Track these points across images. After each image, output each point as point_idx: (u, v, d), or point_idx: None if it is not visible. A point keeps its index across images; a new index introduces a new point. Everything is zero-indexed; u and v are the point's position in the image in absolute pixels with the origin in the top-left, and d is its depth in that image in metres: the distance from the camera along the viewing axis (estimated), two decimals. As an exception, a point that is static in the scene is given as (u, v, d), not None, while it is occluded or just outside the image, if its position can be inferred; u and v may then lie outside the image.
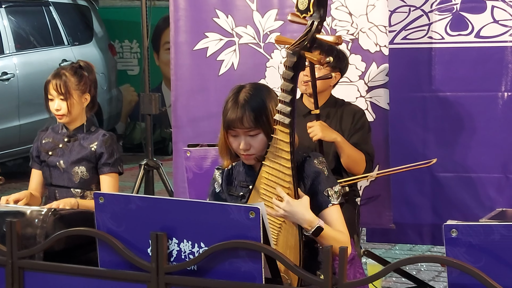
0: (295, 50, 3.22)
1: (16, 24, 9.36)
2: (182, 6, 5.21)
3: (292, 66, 3.21)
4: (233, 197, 3.35)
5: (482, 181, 4.98)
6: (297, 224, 3.15)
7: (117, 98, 10.73)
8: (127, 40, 11.53)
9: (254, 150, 3.23)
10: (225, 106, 3.25)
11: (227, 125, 3.23)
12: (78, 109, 4.25)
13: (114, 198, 2.99)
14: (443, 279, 5.68)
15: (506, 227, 2.54)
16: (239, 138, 3.23)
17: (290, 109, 3.16)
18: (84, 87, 4.25)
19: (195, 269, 2.85)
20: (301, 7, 3.26)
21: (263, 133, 3.21)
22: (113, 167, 4.22)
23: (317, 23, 3.24)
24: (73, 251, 3.42)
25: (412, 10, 5.03)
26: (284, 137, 3.16)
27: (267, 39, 5.09)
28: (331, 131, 4.33)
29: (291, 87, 3.18)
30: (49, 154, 4.27)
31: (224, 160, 3.37)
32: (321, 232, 3.11)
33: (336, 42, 3.33)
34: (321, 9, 3.24)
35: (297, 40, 3.25)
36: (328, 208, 3.21)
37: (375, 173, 4.68)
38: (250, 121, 3.19)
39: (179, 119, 5.26)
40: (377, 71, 4.89)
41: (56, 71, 4.26)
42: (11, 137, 8.84)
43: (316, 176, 3.23)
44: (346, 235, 3.20)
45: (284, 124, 3.17)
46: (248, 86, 3.28)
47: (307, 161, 3.25)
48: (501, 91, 4.90)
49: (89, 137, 4.26)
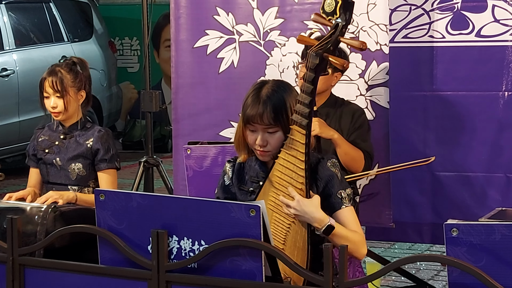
0: (318, 52, 3.20)
1: (16, 21, 9.35)
2: (183, 3, 5.21)
3: (314, 67, 3.19)
4: (243, 192, 3.33)
5: (482, 180, 4.98)
6: (307, 224, 3.14)
7: (117, 96, 10.72)
8: (127, 37, 11.51)
9: (270, 147, 3.22)
10: (246, 101, 3.23)
11: (247, 120, 3.21)
12: (74, 106, 4.25)
13: (115, 195, 2.99)
14: (442, 278, 5.68)
15: (507, 227, 2.54)
16: (257, 133, 3.22)
17: (308, 110, 3.15)
18: (79, 84, 4.25)
19: (196, 267, 2.85)
20: (327, 9, 3.25)
21: (281, 131, 3.20)
22: (110, 163, 4.21)
23: (342, 26, 3.23)
24: (74, 248, 3.42)
25: (413, 9, 5.03)
26: (300, 138, 3.15)
27: (267, 37, 5.08)
28: (328, 128, 4.34)
29: (312, 88, 3.17)
30: (45, 152, 4.26)
31: (241, 155, 3.33)
32: (332, 230, 3.10)
33: (361, 47, 3.31)
34: (347, 12, 3.23)
35: (320, 41, 3.23)
36: (341, 210, 3.20)
37: (375, 171, 4.68)
38: (270, 118, 3.17)
39: (180, 116, 5.26)
40: (378, 70, 4.89)
41: (51, 69, 4.25)
42: (11, 134, 8.84)
43: (330, 179, 3.22)
44: (360, 235, 3.19)
45: (301, 125, 3.15)
46: (271, 82, 3.27)
47: (321, 163, 3.23)
48: (502, 91, 4.90)
49: (85, 134, 4.25)
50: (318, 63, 3.19)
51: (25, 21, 9.53)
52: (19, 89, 8.90)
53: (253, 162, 3.34)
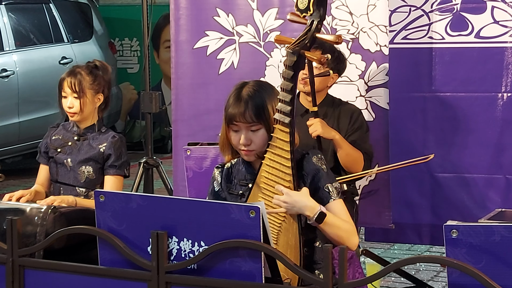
0: (295, 50, 3.23)
1: (16, 21, 9.35)
2: (183, 4, 5.22)
3: (292, 65, 3.21)
4: (233, 196, 3.35)
5: (481, 181, 4.98)
6: (298, 220, 3.15)
7: (117, 96, 10.71)
8: (127, 38, 11.51)
9: (254, 146, 3.24)
10: (228, 101, 3.27)
11: (229, 119, 3.24)
12: (90, 108, 4.27)
13: (114, 196, 2.99)
14: (442, 279, 5.68)
15: (506, 228, 2.54)
16: (240, 132, 3.24)
17: (290, 108, 3.17)
18: (98, 87, 4.27)
19: (195, 268, 2.85)
20: (301, 6, 3.27)
21: (264, 129, 3.22)
22: (119, 170, 4.22)
23: (316, 22, 3.25)
24: (74, 249, 3.42)
25: (413, 10, 5.03)
26: (284, 136, 3.17)
27: (267, 38, 5.09)
28: (330, 129, 4.35)
29: (291, 86, 3.19)
30: (57, 151, 4.27)
31: (225, 156, 3.37)
32: (324, 217, 3.11)
33: (336, 41, 3.33)
34: (321, 8, 3.25)
35: (297, 39, 3.26)
36: (329, 203, 3.21)
37: (375, 170, 4.68)
38: (252, 115, 3.19)
39: (179, 117, 5.27)
40: (377, 71, 4.89)
41: (71, 69, 4.28)
42: (11, 134, 8.84)
43: (316, 173, 3.24)
44: (351, 224, 3.21)
45: (284, 123, 3.17)
46: (252, 82, 3.30)
47: (306, 159, 3.26)
48: (501, 92, 4.90)
49: (99, 138, 4.26)
50: (296, 60, 3.21)
51: (25, 22, 9.53)
52: (19, 90, 8.89)
53: (240, 166, 3.36)
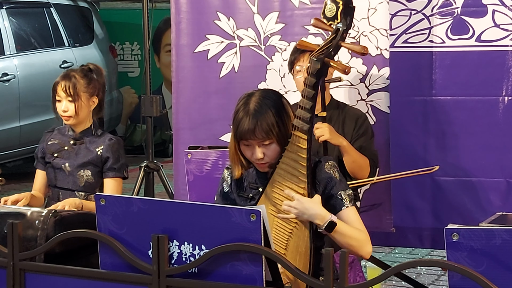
0: (319, 57, 3.20)
1: (17, 25, 9.36)
2: (184, 8, 5.22)
3: (316, 72, 3.19)
4: (242, 198, 3.33)
5: (483, 185, 4.98)
6: (309, 228, 3.13)
7: (118, 100, 10.74)
8: (128, 42, 11.53)
9: (268, 159, 3.22)
10: (236, 117, 3.22)
11: (240, 137, 3.20)
12: (85, 112, 4.27)
13: (115, 200, 2.99)
14: (443, 283, 5.68)
15: (508, 232, 2.54)
16: (252, 147, 3.21)
17: (309, 115, 3.15)
18: (92, 90, 4.27)
19: (196, 272, 2.85)
20: (328, 14, 3.25)
21: (276, 143, 3.19)
22: (118, 172, 4.22)
23: (342, 31, 3.24)
24: (74, 253, 3.42)
25: (413, 14, 5.03)
26: (302, 143, 3.15)
27: (268, 41, 5.09)
28: (338, 135, 4.30)
29: (313, 93, 3.17)
30: (54, 156, 4.27)
31: (236, 170, 3.31)
32: (334, 227, 3.09)
33: (362, 52, 3.30)
34: (348, 17, 3.24)
35: (321, 46, 3.23)
36: (342, 211, 3.19)
37: (375, 178, 4.66)
38: (263, 131, 3.15)
39: (180, 121, 5.27)
40: (378, 75, 4.89)
41: (65, 73, 4.28)
42: (12, 138, 8.84)
43: (329, 181, 3.21)
44: (364, 233, 3.17)
45: (302, 130, 3.15)
46: (257, 94, 3.23)
47: (318, 166, 3.23)
48: (502, 96, 4.90)
49: (96, 141, 4.26)
50: (319, 68, 3.19)
51: (26, 26, 9.54)
52: (19, 94, 8.90)
53: (252, 169, 3.34)
